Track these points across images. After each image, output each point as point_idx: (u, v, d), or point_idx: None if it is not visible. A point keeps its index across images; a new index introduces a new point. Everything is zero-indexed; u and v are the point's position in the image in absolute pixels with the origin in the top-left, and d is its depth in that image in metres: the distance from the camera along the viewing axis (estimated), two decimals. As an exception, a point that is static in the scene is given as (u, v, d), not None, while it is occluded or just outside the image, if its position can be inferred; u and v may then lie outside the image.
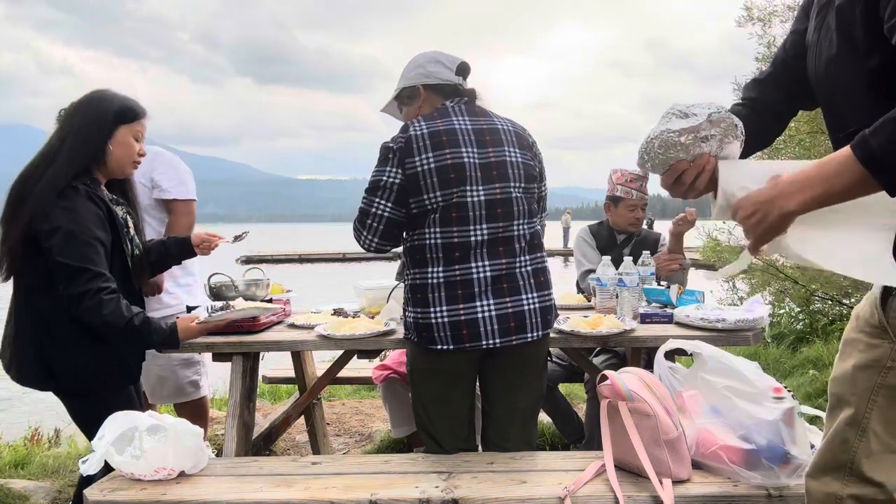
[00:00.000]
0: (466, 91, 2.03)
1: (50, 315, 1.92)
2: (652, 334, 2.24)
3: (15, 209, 1.91)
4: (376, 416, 4.02)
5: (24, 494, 2.76)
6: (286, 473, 1.85)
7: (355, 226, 1.97)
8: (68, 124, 1.98)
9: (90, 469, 1.74)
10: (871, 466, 1.22)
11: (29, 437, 3.79)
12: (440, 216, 1.88)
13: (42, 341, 1.93)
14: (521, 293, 1.91)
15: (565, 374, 2.97)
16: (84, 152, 1.95)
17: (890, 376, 1.20)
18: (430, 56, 2.03)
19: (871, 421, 1.22)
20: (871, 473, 1.21)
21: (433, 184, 1.86)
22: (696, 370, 1.88)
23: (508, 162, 1.94)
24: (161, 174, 2.72)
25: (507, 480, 1.76)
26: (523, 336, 1.90)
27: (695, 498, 1.64)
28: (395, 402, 2.94)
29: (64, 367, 1.94)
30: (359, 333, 2.25)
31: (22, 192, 1.91)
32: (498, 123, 1.99)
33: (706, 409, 1.83)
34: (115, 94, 2.05)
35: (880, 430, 1.22)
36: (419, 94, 2.01)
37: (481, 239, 1.88)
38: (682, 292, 2.63)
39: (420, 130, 1.89)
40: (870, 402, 1.22)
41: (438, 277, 1.88)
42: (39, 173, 1.92)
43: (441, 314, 1.86)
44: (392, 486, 1.75)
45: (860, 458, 1.23)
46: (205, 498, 1.71)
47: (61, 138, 1.96)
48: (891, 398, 1.20)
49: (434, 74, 1.99)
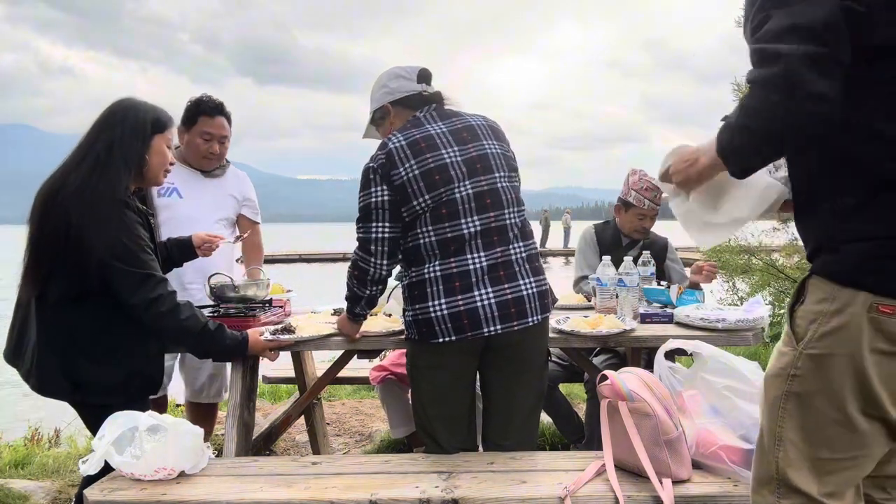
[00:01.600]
0: (432, 96, 2.07)
1: (80, 327, 1.90)
2: (652, 334, 2.24)
3: (55, 219, 1.85)
4: (376, 416, 4.02)
5: (24, 494, 2.76)
6: (286, 473, 1.86)
7: (360, 257, 1.97)
8: (109, 132, 1.94)
9: (90, 469, 1.75)
10: (796, 476, 1.21)
11: (29, 437, 3.79)
12: (430, 215, 1.91)
13: (70, 353, 1.90)
14: (518, 279, 1.93)
15: (565, 374, 2.97)
16: (132, 163, 1.94)
17: (795, 384, 1.20)
18: (390, 73, 2.09)
19: (785, 430, 1.22)
20: (798, 483, 1.21)
21: (420, 189, 1.90)
22: (696, 370, 1.88)
23: (490, 154, 1.98)
24: (253, 195, 3.04)
25: (508, 480, 1.76)
26: (524, 321, 1.91)
27: (695, 498, 1.65)
28: (394, 402, 2.94)
29: (91, 379, 1.92)
30: (374, 331, 2.25)
31: (63, 203, 1.85)
32: (472, 120, 2.04)
33: (706, 409, 1.83)
34: (145, 102, 2.04)
35: (796, 438, 1.22)
36: (388, 112, 2.07)
37: (474, 230, 1.91)
38: (682, 292, 2.63)
39: (398, 143, 1.93)
40: (780, 410, 1.23)
41: (435, 272, 1.89)
42: (87, 183, 1.86)
43: (440, 307, 1.87)
44: (392, 485, 1.75)
45: (783, 468, 1.23)
46: (205, 498, 1.71)
47: (107, 147, 1.91)
48: (801, 406, 1.20)
49: (397, 90, 2.05)
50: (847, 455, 1.19)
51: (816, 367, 1.18)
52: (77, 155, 1.94)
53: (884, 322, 1.11)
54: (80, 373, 1.91)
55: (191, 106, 2.74)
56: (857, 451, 1.19)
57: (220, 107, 2.76)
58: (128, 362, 1.97)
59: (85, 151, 1.93)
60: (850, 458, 1.19)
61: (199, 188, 2.80)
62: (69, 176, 1.89)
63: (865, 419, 1.17)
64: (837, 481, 1.20)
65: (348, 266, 2.05)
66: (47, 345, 1.91)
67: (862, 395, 1.15)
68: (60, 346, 1.90)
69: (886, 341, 1.12)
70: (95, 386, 1.93)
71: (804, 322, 1.20)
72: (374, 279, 1.99)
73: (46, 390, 1.95)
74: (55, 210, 1.85)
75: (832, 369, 1.17)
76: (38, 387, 1.95)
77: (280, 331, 2.27)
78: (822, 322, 1.17)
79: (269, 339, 2.19)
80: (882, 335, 1.12)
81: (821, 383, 1.18)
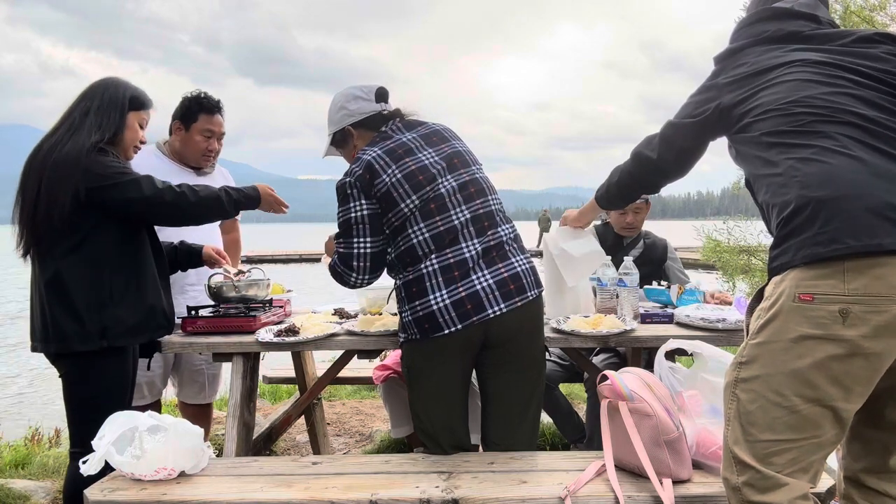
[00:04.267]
0: (392, 114, 2.11)
1: (87, 275, 2.00)
2: (652, 334, 2.24)
3: (31, 180, 1.99)
4: (376, 416, 4.02)
5: (24, 494, 2.76)
6: (286, 473, 1.86)
7: (339, 271, 2.01)
8: (87, 102, 2.09)
9: (90, 469, 1.74)
10: (742, 453, 1.32)
11: (29, 437, 3.79)
12: (420, 213, 1.93)
13: (85, 302, 1.99)
14: (510, 257, 1.97)
15: (565, 374, 2.97)
16: (105, 126, 2.07)
17: (742, 370, 1.34)
18: (346, 94, 2.11)
19: (732, 411, 1.36)
20: (745, 459, 1.31)
21: (406, 191, 1.93)
22: (696, 370, 1.88)
23: (462, 150, 2.07)
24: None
25: (508, 480, 1.76)
26: (525, 296, 1.94)
27: (695, 498, 1.65)
28: (396, 401, 2.93)
29: (112, 322, 2.02)
30: (374, 331, 2.26)
31: (36, 163, 2.00)
32: (435, 127, 2.11)
33: (706, 409, 1.83)
34: (126, 82, 2.18)
35: (742, 420, 1.33)
36: (350, 134, 2.10)
37: (465, 219, 1.95)
38: (682, 292, 2.63)
39: (374, 154, 1.97)
40: (730, 394, 1.36)
41: (433, 265, 1.90)
42: (58, 144, 2.01)
43: (442, 298, 1.88)
44: (392, 486, 1.75)
45: (731, 445, 1.35)
46: (205, 498, 1.71)
47: (84, 112, 2.07)
48: (745, 391, 1.33)
49: (357, 111, 2.09)
50: (788, 437, 1.28)
51: (758, 354, 1.32)
52: (58, 122, 2.09)
53: (806, 308, 1.25)
54: (103, 318, 2.01)
55: (189, 103, 2.72)
56: (800, 433, 1.28)
57: (219, 104, 2.77)
58: (143, 299, 2.10)
59: (64, 119, 2.09)
60: (793, 441, 1.29)
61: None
62: (51, 137, 2.05)
63: (803, 402, 1.27)
64: (781, 461, 1.29)
65: (331, 267, 2.07)
66: (59, 300, 1.98)
67: (797, 380, 1.26)
68: (72, 297, 1.98)
69: (814, 326, 1.24)
70: (121, 327, 2.03)
71: (754, 319, 1.36)
72: (354, 287, 2.05)
73: (70, 346, 1.99)
74: (31, 171, 2.00)
75: (769, 356, 1.29)
76: (60, 347, 2.00)
77: (284, 331, 2.27)
78: (762, 316, 1.32)
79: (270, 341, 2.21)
80: (808, 321, 1.24)
81: (761, 369, 1.31)
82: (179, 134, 2.74)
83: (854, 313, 1.21)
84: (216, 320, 2.37)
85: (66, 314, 1.98)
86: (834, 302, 1.22)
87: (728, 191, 10.40)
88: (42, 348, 2.02)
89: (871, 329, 1.21)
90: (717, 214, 13.88)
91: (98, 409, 1.96)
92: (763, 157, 1.43)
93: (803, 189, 1.30)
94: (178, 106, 2.74)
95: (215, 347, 2.29)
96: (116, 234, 2.06)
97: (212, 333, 2.33)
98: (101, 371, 2.03)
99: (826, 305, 1.23)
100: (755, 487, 1.30)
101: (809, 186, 1.29)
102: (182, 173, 2.76)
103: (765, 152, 1.43)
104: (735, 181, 9.15)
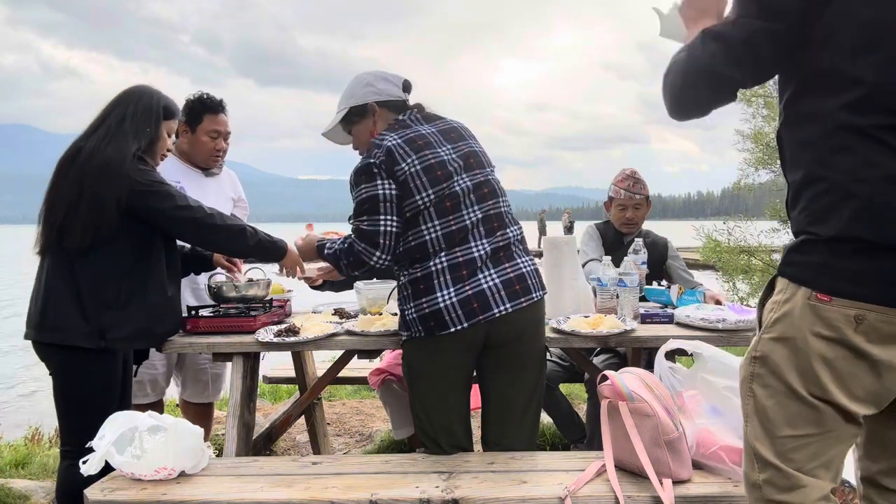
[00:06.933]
0: (414, 106, 2.12)
1: (96, 275, 2.04)
2: (652, 334, 2.24)
3: (70, 181, 2.02)
4: (377, 416, 4.02)
5: (24, 494, 2.76)
6: (286, 473, 1.86)
7: (361, 250, 1.94)
8: (121, 108, 2.13)
9: (90, 469, 1.74)
10: (762, 449, 1.30)
11: (29, 437, 3.79)
12: (435, 210, 1.93)
13: (91, 301, 2.03)
14: (516, 258, 1.99)
15: (565, 374, 2.97)
16: (143, 135, 2.13)
17: (756, 365, 1.32)
18: (376, 74, 2.11)
19: (750, 407, 1.34)
20: (766, 455, 1.30)
21: (423, 184, 1.92)
22: (696, 370, 1.88)
23: (478, 151, 2.08)
24: (244, 194, 3.08)
25: (508, 480, 1.76)
26: (530, 297, 1.95)
27: (695, 498, 1.65)
28: (395, 403, 2.93)
29: (113, 325, 2.04)
30: (374, 331, 2.25)
31: (77, 168, 2.02)
32: (454, 123, 2.11)
33: (706, 409, 1.83)
34: (157, 90, 2.23)
35: (760, 415, 1.31)
36: (372, 110, 2.08)
37: (476, 219, 1.96)
38: (682, 292, 2.63)
39: (395, 141, 1.95)
40: (747, 389, 1.34)
41: (442, 263, 1.91)
42: (98, 149, 2.04)
43: (449, 296, 1.88)
44: (392, 486, 1.75)
45: (751, 441, 1.33)
46: (205, 498, 1.71)
47: (119, 119, 2.11)
48: (762, 385, 1.31)
49: (385, 91, 2.09)
50: (807, 432, 1.27)
51: (771, 349, 1.30)
52: (92, 126, 2.13)
53: (821, 308, 1.22)
54: (106, 320, 2.03)
55: (194, 105, 2.73)
56: (816, 428, 1.27)
57: (222, 103, 2.78)
58: (147, 306, 2.12)
59: (99, 123, 2.13)
60: (811, 435, 1.27)
61: (203, 188, 2.80)
62: (83, 144, 2.08)
63: (812, 399, 1.26)
64: (802, 457, 1.28)
65: (341, 250, 2.02)
66: (69, 294, 2.02)
67: (806, 377, 1.25)
68: (82, 294, 2.02)
69: (826, 327, 1.22)
70: (120, 331, 2.05)
71: (767, 311, 1.33)
72: (369, 269, 2.00)
73: (66, 338, 2.01)
74: (71, 174, 2.03)
75: (782, 351, 1.28)
76: (54, 338, 2.02)
77: (284, 331, 2.27)
78: (776, 310, 1.30)
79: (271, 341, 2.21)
80: (821, 321, 1.22)
81: (775, 365, 1.29)
82: (186, 136, 2.75)
83: (868, 320, 1.20)
84: (216, 320, 2.37)
85: (71, 308, 2.01)
86: (851, 306, 1.21)
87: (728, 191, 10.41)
88: (35, 335, 2.05)
89: (879, 337, 1.19)
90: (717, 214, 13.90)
91: (85, 407, 1.98)
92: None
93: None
94: (182, 109, 2.76)
95: (215, 347, 2.29)
96: (136, 240, 2.10)
97: (212, 333, 2.33)
98: (89, 369, 2.05)
99: (843, 309, 1.21)
100: (776, 486, 1.28)
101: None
102: (190, 174, 2.77)
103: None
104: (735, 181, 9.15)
